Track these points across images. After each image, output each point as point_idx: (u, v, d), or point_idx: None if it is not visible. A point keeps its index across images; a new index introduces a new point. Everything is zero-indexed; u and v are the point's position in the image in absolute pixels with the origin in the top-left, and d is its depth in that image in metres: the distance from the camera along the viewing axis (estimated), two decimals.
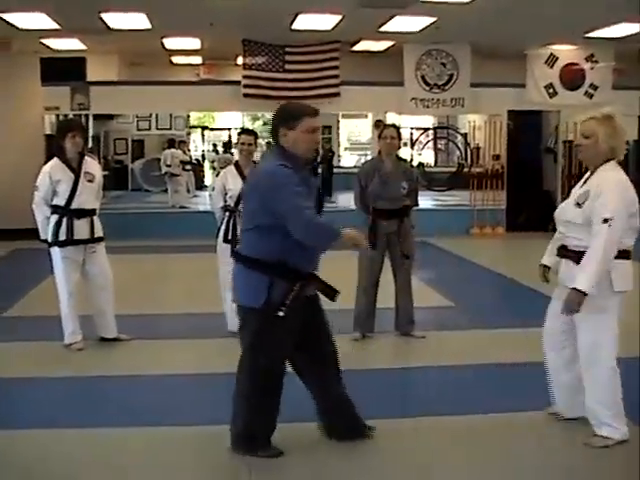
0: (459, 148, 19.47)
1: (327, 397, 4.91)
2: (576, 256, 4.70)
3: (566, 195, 5.17)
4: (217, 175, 9.70)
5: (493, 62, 16.55)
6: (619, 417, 4.78)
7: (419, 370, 6.72)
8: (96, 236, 7.21)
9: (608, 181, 4.66)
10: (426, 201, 16.62)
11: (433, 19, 13.20)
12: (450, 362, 6.76)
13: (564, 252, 4.87)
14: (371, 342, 7.49)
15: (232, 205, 7.45)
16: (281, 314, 4.46)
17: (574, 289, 4.58)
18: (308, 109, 4.66)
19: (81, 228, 7.10)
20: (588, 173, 4.87)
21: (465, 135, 19.58)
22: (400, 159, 7.75)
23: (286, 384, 4.70)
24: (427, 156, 23.97)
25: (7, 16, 12.54)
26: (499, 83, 15.90)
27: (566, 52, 15.95)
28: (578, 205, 4.72)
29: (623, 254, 4.69)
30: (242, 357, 4.70)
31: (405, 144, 18.65)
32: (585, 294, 4.54)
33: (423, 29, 13.99)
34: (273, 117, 4.69)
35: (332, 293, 4.69)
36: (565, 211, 4.88)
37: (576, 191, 4.88)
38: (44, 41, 14.89)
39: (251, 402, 4.66)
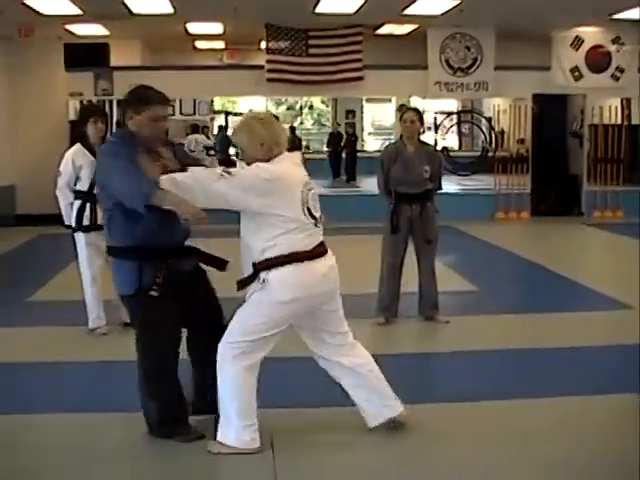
0: (483, 132, 19.33)
1: (203, 375, 4.82)
2: None
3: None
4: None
5: (518, 45, 16.42)
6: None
7: (443, 355, 6.69)
8: None
9: None
10: (450, 185, 16.54)
11: (457, 1, 13.10)
12: (474, 347, 6.72)
13: None
14: (395, 327, 7.46)
15: None
16: (154, 294, 4.45)
17: None
18: (157, 97, 4.66)
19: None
20: None
21: (489, 119, 19.44)
22: (423, 143, 7.71)
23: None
24: (451, 140, 23.84)
25: (30, 2, 12.56)
26: (524, 66, 15.76)
27: (592, 34, 15.76)
28: None
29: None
30: (136, 344, 4.70)
31: (429, 128, 18.56)
32: None
33: (447, 12, 13.87)
34: (124, 97, 4.73)
35: (220, 263, 4.70)
36: None
37: None
38: (67, 27, 14.91)
39: (152, 387, 4.66)
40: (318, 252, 4.47)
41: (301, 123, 28.62)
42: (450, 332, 7.29)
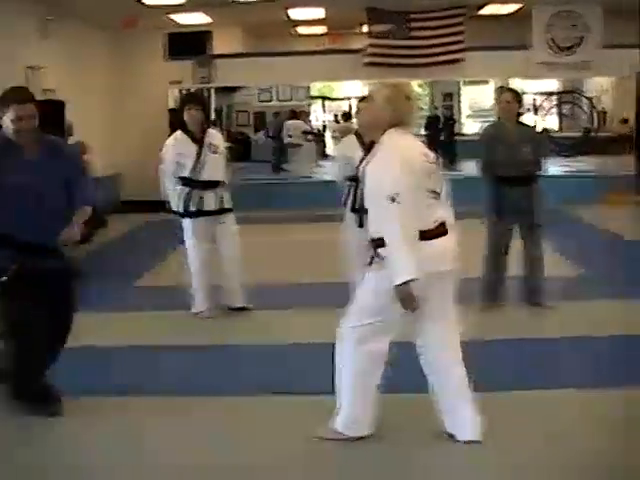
0: (585, 112, 18.89)
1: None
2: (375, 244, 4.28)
3: None
4: (337, 144, 9.68)
5: (622, 21, 15.94)
6: None
7: (550, 341, 6.56)
8: (225, 207, 7.31)
9: None
10: (552, 167, 16.22)
11: None
12: (581, 333, 6.58)
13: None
14: (499, 312, 7.35)
15: (354, 174, 7.37)
16: (3, 279, 4.72)
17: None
18: (15, 98, 4.84)
19: (210, 199, 7.21)
20: None
21: (591, 99, 18.99)
22: (523, 125, 7.57)
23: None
24: (551, 121, 23.38)
25: None
26: (628, 44, 15.29)
27: None
28: None
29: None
30: None
31: (528, 109, 18.23)
32: None
33: None
34: None
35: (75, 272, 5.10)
36: None
37: None
38: (171, 16, 15.13)
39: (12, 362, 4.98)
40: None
41: None
42: (556, 317, 7.16)
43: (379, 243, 4.18)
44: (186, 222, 7.25)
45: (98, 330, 6.85)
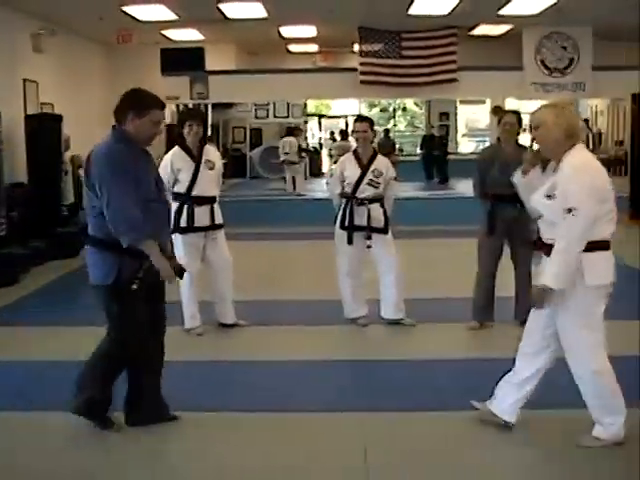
0: None
1: (138, 384, 4.97)
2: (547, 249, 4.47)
3: None
4: (334, 162, 9.73)
5: (616, 44, 16.06)
6: (610, 415, 4.51)
7: None
8: (216, 223, 7.31)
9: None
10: None
11: (553, 0, 12.88)
12: None
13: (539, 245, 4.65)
14: (489, 331, 7.36)
15: (349, 192, 7.43)
16: (134, 287, 4.60)
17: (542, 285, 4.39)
18: (158, 101, 4.89)
19: (202, 215, 7.22)
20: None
21: (587, 120, 19.08)
22: (521, 146, 7.60)
23: None
24: None
25: (128, 9, 12.84)
26: (622, 66, 15.40)
27: None
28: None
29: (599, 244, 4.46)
30: (107, 334, 4.85)
31: (524, 130, 18.31)
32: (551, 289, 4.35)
33: (543, 11, 13.66)
34: (123, 99, 4.91)
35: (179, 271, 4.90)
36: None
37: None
38: (164, 32, 15.20)
39: (103, 371, 4.85)
40: None
41: (394, 125, 28.56)
42: None
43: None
44: (177, 237, 7.23)
45: (78, 344, 6.85)
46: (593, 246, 4.40)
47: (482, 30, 16.23)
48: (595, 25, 15.05)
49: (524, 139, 7.48)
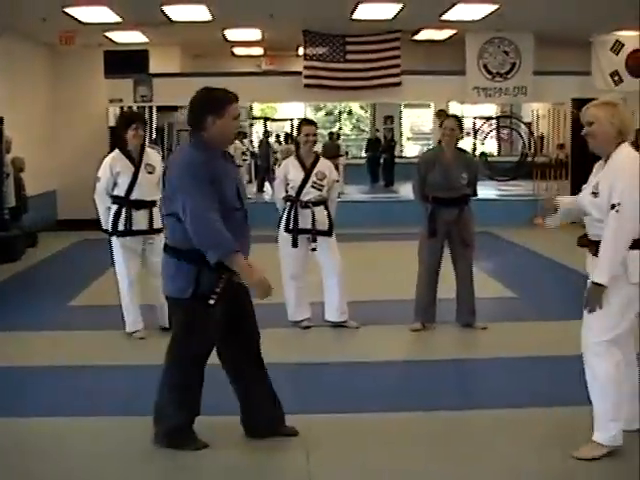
0: (522, 137, 19.22)
1: (249, 393, 4.79)
2: (594, 246, 4.47)
3: None
4: (278, 166, 9.73)
5: (557, 50, 16.30)
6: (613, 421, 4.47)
7: (480, 362, 6.65)
8: (155, 227, 7.23)
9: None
10: (489, 191, 16.44)
11: (496, 6, 13.03)
12: (512, 354, 6.68)
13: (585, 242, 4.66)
14: (431, 332, 7.43)
15: (293, 195, 7.46)
16: (212, 302, 4.39)
17: (593, 282, 4.37)
18: (231, 95, 4.65)
19: (140, 219, 7.18)
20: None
21: (529, 124, 19.32)
22: (461, 150, 7.69)
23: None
24: (490, 146, 23.72)
25: (71, 10, 12.70)
26: (563, 71, 15.65)
27: (632, 38, 15.59)
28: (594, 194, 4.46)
29: None
30: (170, 347, 4.66)
31: (468, 134, 18.49)
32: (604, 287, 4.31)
33: (485, 17, 13.81)
34: (196, 104, 4.60)
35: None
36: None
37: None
38: (107, 34, 15.06)
39: (179, 394, 4.61)
40: None
41: (340, 129, 28.63)
42: (487, 339, 7.26)
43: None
44: (114, 241, 7.20)
45: (21, 349, 6.79)
46: (637, 243, 4.34)
47: (426, 35, 16.33)
48: (536, 31, 15.25)
49: (467, 142, 7.57)
